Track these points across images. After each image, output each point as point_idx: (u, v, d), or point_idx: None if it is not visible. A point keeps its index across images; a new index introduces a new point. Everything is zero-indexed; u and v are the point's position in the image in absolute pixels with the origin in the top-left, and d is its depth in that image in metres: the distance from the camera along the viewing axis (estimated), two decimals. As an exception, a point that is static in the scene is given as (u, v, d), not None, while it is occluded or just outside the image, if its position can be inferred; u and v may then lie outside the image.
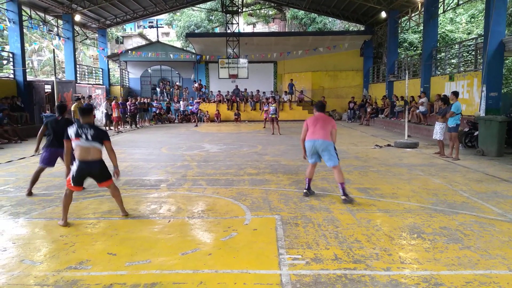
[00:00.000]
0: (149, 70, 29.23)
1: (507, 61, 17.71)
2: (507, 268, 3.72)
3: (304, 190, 6.44)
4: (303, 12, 31.71)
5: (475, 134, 11.27)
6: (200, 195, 6.55)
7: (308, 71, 27.25)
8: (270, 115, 16.77)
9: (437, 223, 5.01)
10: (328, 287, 3.37)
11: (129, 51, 27.62)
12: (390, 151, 11.54)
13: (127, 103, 20.88)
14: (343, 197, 5.95)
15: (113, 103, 18.71)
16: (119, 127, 18.86)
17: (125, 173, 8.39)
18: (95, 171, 5.03)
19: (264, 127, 19.43)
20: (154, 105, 24.92)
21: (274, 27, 44.94)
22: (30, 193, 6.50)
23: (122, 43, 48.15)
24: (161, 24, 44.41)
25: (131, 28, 53.91)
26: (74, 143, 4.94)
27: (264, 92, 26.40)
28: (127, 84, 28.64)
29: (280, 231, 4.73)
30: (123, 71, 28.54)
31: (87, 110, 5.25)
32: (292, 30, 34.99)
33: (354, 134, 16.65)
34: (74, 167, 4.97)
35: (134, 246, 4.32)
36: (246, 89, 26.53)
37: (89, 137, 4.92)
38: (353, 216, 5.31)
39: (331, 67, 26.89)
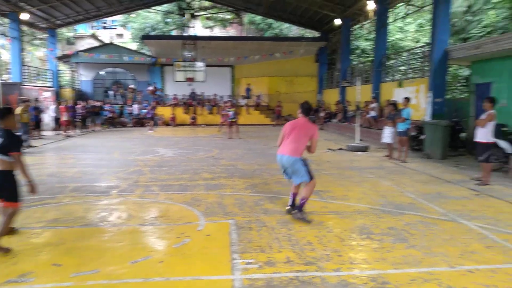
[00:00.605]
0: (102, 73, 28.32)
1: (451, 69, 18.73)
2: (447, 265, 3.93)
3: (287, 207, 5.62)
4: (260, 17, 32.02)
5: (422, 138, 11.83)
6: (153, 201, 6.41)
7: (265, 76, 27.49)
8: (229, 120, 16.79)
9: (385, 223, 5.21)
10: (279, 290, 3.40)
11: (81, 53, 26.62)
12: (342, 154, 11.86)
13: (77, 106, 20.10)
14: (295, 211, 5.31)
15: (61, 106, 17.93)
16: (68, 131, 18.10)
17: (74, 179, 8.07)
18: None
19: (219, 131, 19.41)
20: (106, 108, 24.15)
21: (231, 32, 44.95)
22: None
23: (73, 44, 46.34)
24: (115, 26, 43.23)
25: (83, 29, 52.04)
26: None
27: (221, 96, 26.34)
28: (78, 87, 27.59)
29: (234, 236, 4.73)
30: (74, 73, 27.47)
31: (2, 111, 4.53)
32: (249, 35, 35.19)
33: (309, 138, 16.93)
34: None
35: (81, 256, 4.15)
36: (203, 93, 26.36)
37: None
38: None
39: (287, 73, 27.29)
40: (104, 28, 51.38)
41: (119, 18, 40.67)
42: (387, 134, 10.83)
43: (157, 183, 7.74)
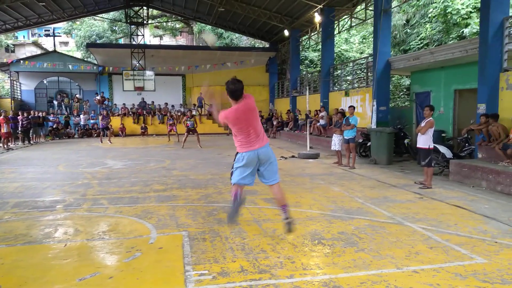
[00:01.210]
0: (45, 82, 27.00)
1: (393, 79, 19.75)
2: (395, 266, 4.10)
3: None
4: (210, 27, 32.06)
5: (368, 144, 12.33)
6: (101, 215, 6.17)
7: (217, 85, 27.27)
8: (187, 129, 16.71)
9: (336, 228, 5.35)
10: (234, 300, 3.39)
11: (22, 61, 25.29)
12: (294, 162, 12.08)
13: (18, 117, 19.00)
14: (288, 220, 4.70)
15: (1, 117, 16.87)
16: (9, 143, 17.04)
17: (15, 194, 7.60)
18: None
19: (169, 141, 19.19)
20: (51, 119, 23.03)
21: (181, 41, 44.68)
22: None
23: (13, 51, 43.95)
24: (58, 33, 41.44)
25: (24, 36, 49.50)
26: None
27: (173, 105, 26.00)
28: (19, 97, 26.12)
29: (187, 248, 4.65)
30: (14, 82, 25.99)
31: None
32: (200, 45, 35.12)
33: (262, 146, 17.11)
34: None
35: (23, 276, 3.90)
36: (153, 102, 25.88)
37: None
38: (259, 227, 5.43)
39: (239, 82, 27.42)
40: (47, 35, 49.13)
41: (63, 25, 39.11)
42: (336, 142, 11.18)
43: (106, 196, 7.46)
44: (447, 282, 3.71)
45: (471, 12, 17.40)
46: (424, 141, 8.07)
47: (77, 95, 26.68)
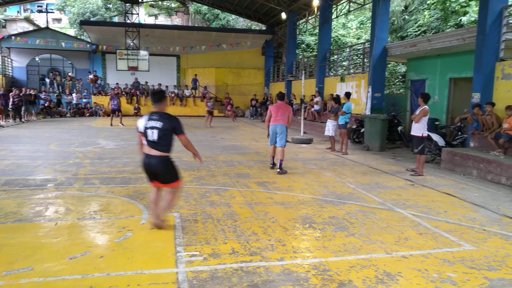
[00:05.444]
0: (37, 59, 26.54)
1: (389, 65, 19.67)
2: (384, 251, 4.14)
3: (270, 165, 8.43)
4: (206, 7, 31.60)
5: (362, 130, 12.35)
6: (93, 194, 6.15)
7: (211, 67, 27.25)
8: (207, 110, 18.39)
9: (327, 213, 5.39)
10: (224, 281, 3.41)
11: (13, 37, 24.81)
12: (288, 146, 11.90)
13: (10, 94, 18.72)
14: (279, 170, 7.89)
15: (-8, 94, 16.65)
16: (0, 121, 16.83)
17: (6, 172, 7.54)
18: (157, 168, 4.68)
19: None
20: (42, 97, 22.73)
21: (177, 21, 44.02)
22: None
23: (4, 27, 43.04)
24: (51, 9, 40.57)
25: (17, 11, 48.47)
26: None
27: (167, 86, 25.76)
28: (10, 73, 25.71)
29: (179, 229, 4.66)
30: (6, 58, 25.51)
31: (158, 94, 4.68)
32: (196, 25, 34.64)
33: (256, 130, 17.12)
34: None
35: (13, 253, 3.89)
36: (147, 82, 25.61)
37: (155, 133, 4.66)
38: (252, 210, 5.45)
39: (234, 64, 27.25)
40: (39, 11, 48.12)
41: (56, 1, 38.32)
42: (330, 127, 11.18)
43: (97, 176, 7.43)
44: (435, 267, 3.77)
45: (469, 0, 17.28)
46: (417, 128, 8.10)
47: (70, 74, 26.31)
